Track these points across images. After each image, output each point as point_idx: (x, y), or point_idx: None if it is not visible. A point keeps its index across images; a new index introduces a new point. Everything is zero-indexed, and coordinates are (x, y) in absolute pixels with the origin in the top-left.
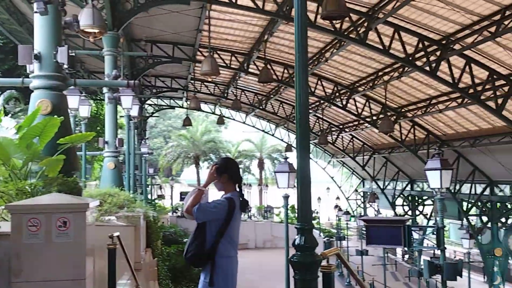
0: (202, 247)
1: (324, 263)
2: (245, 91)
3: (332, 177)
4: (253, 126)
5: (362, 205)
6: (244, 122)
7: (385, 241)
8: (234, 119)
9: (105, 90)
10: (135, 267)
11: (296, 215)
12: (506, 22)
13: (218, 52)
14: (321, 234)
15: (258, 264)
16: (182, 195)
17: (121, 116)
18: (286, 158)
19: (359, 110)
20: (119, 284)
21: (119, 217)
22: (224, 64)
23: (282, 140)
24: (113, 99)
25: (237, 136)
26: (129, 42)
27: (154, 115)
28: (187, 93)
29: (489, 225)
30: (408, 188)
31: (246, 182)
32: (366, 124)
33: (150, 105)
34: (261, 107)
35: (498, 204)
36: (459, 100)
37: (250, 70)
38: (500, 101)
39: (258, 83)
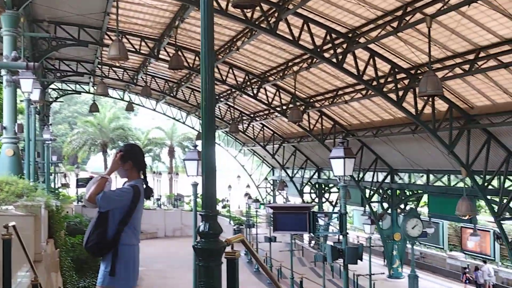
0: (104, 236)
1: (228, 249)
2: (155, 78)
3: (242, 166)
4: (164, 114)
5: (271, 193)
6: (154, 109)
7: (291, 227)
8: (144, 106)
9: (3, 72)
10: (35, 258)
11: None
12: (407, 18)
13: (127, 36)
14: (231, 222)
15: (167, 253)
16: (80, 182)
17: (21, 101)
18: (195, 146)
19: (270, 100)
20: (18, 276)
21: (17, 207)
22: (133, 49)
23: (193, 128)
24: (12, 82)
25: (147, 123)
26: (30, 22)
27: (58, 100)
28: (94, 78)
29: (389, 211)
30: (316, 176)
31: (156, 171)
32: (276, 114)
33: (54, 89)
34: (172, 94)
35: (398, 191)
36: (364, 92)
37: (160, 56)
38: (400, 93)
39: (169, 70)
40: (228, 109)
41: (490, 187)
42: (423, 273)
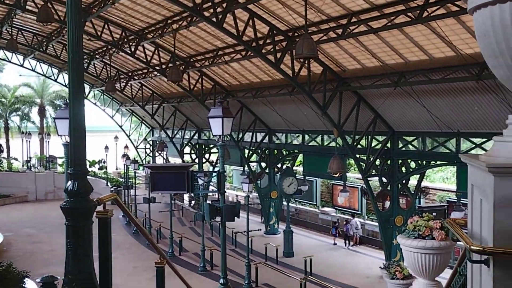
0: None
1: (100, 209)
2: (22, 31)
3: (120, 126)
4: (33, 70)
5: (151, 154)
6: (22, 65)
7: (169, 187)
8: (10, 61)
9: None
10: None
11: None
12: None
13: None
14: (109, 183)
15: (38, 217)
16: None
17: None
18: (66, 103)
19: (148, 58)
20: None
21: None
22: None
23: (66, 86)
24: None
25: (14, 80)
26: None
27: None
28: None
29: (267, 170)
30: (196, 137)
31: (25, 131)
32: (156, 73)
33: None
34: (41, 49)
35: (275, 151)
36: (243, 53)
37: (28, 7)
38: (278, 55)
39: (38, 23)
40: (104, 67)
41: (359, 146)
42: (297, 228)
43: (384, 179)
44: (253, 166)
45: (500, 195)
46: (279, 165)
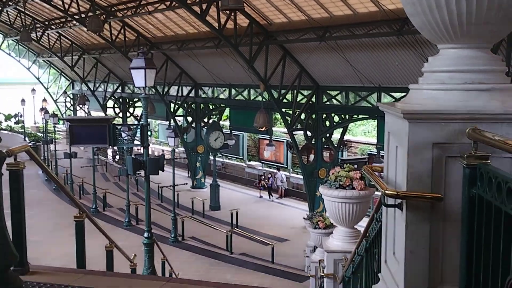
0: None
1: (11, 161)
2: None
3: (38, 78)
4: None
5: (71, 108)
6: None
7: (89, 140)
8: None
9: None
10: None
11: None
12: None
13: None
14: (26, 138)
15: None
16: None
17: None
18: None
19: (66, 6)
20: None
21: None
22: None
23: None
24: None
25: None
26: None
27: None
28: None
29: (193, 125)
30: (119, 90)
31: None
32: (74, 22)
33: None
34: None
35: (202, 105)
36: (168, 3)
37: None
38: (204, 6)
39: None
40: (19, 15)
41: (284, 100)
42: (224, 182)
43: (308, 133)
44: (179, 121)
45: (414, 141)
46: (205, 120)
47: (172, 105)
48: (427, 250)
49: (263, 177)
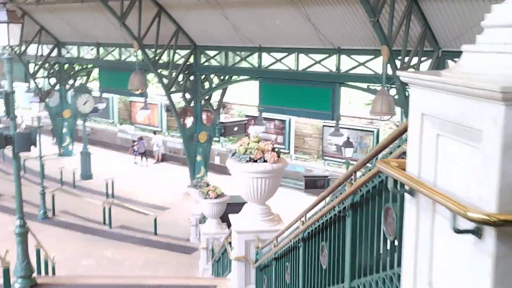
0: None
1: None
2: None
3: None
4: None
5: None
6: None
7: None
8: None
9: None
10: None
11: None
12: None
13: None
14: None
15: None
16: None
17: None
18: None
19: None
20: None
21: None
22: None
23: None
24: None
25: None
26: None
27: None
28: None
29: (57, 87)
30: None
31: None
32: None
33: None
34: None
35: (66, 66)
36: None
37: None
38: None
39: None
40: None
41: (161, 61)
42: (94, 148)
43: (187, 95)
44: (39, 83)
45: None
46: (71, 82)
47: (32, 65)
48: None
49: (136, 141)
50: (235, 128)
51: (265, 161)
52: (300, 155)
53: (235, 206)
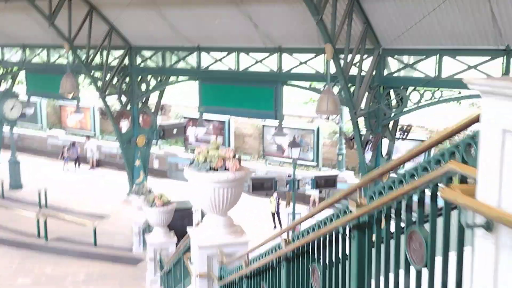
0: None
1: None
2: None
3: None
4: None
5: None
6: None
7: None
8: None
9: None
10: None
11: None
12: None
13: None
14: None
15: None
16: None
17: None
18: None
19: None
20: None
21: None
22: None
23: None
24: None
25: None
26: None
27: None
28: None
29: None
30: None
31: None
32: None
33: None
34: None
35: None
36: None
37: None
38: None
39: None
40: None
41: (93, 63)
42: (23, 155)
43: (123, 98)
44: None
45: None
46: None
47: None
48: None
49: (66, 147)
50: (175, 131)
51: (226, 169)
52: (241, 155)
53: (181, 211)
